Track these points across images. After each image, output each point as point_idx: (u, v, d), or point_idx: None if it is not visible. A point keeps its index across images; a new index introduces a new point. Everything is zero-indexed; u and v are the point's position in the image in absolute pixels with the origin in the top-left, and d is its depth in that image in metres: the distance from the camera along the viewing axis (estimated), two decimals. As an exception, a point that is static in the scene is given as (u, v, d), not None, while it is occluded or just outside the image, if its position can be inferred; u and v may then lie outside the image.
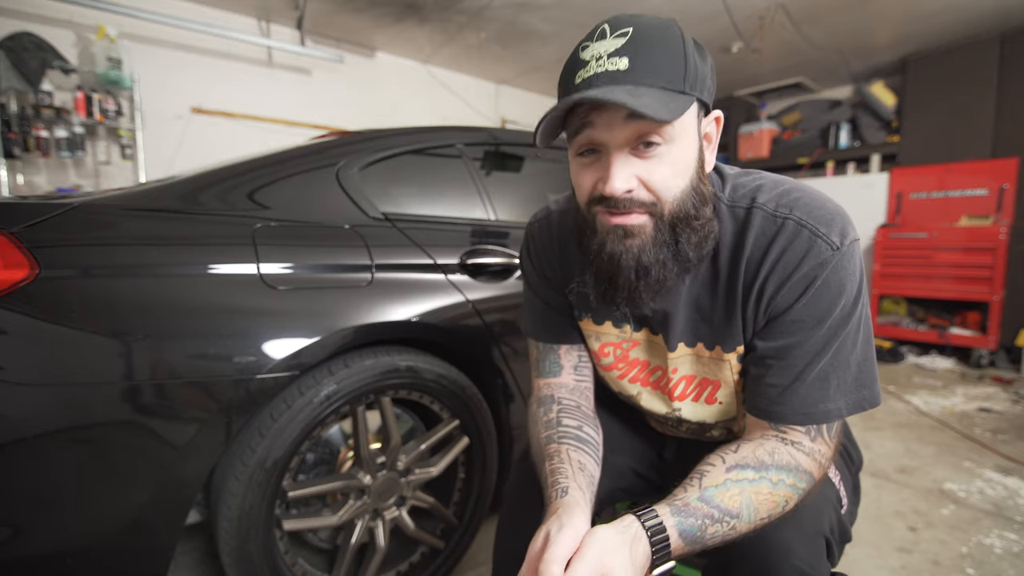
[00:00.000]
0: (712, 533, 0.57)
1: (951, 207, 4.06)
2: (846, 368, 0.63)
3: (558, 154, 1.88)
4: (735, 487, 0.59)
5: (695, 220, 0.62)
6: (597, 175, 0.61)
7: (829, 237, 0.61)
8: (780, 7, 3.47)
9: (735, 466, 0.61)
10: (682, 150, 0.60)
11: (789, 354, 0.63)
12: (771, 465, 0.61)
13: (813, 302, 0.61)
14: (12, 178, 2.87)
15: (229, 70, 3.69)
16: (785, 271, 0.62)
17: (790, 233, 0.62)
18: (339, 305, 1.11)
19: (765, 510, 0.59)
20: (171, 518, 0.95)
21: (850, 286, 0.61)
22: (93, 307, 0.88)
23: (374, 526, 1.24)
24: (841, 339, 0.62)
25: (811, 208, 0.63)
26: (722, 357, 0.70)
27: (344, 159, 1.32)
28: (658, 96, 0.55)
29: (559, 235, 0.81)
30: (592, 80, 0.56)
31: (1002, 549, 1.54)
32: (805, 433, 0.63)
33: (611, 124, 0.57)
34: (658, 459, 0.91)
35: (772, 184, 0.67)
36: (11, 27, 2.84)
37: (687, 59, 0.57)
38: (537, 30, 3.88)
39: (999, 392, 3.14)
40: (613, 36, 0.57)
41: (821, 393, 0.62)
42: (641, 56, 0.56)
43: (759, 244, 0.64)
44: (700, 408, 0.76)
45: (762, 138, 5.25)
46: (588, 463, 0.71)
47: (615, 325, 0.77)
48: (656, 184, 0.59)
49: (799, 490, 0.61)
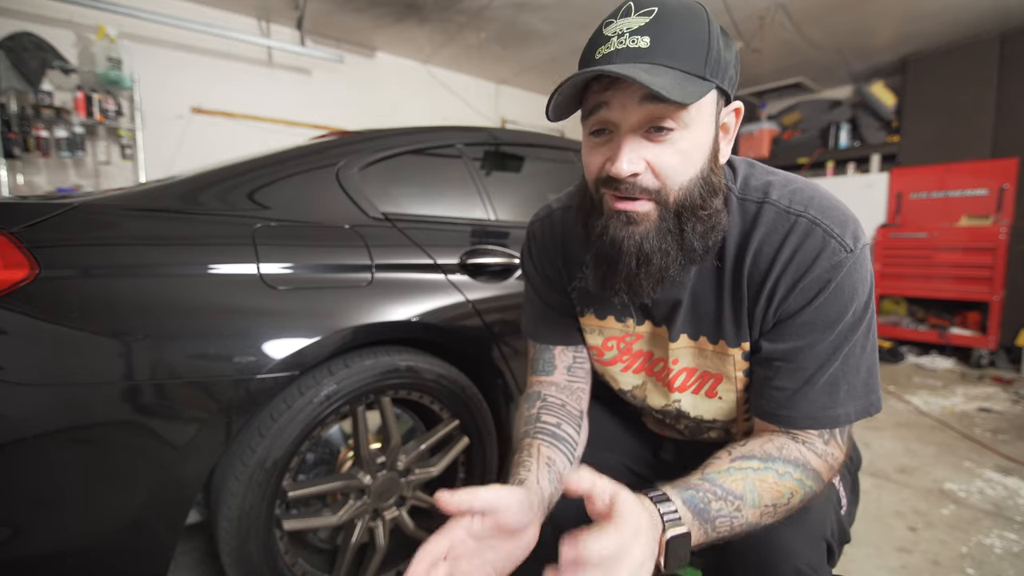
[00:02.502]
0: (717, 510, 0.56)
1: (951, 207, 4.06)
2: (856, 373, 0.62)
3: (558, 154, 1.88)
4: (739, 473, 0.59)
5: (701, 210, 0.60)
6: (607, 155, 0.59)
7: (843, 239, 0.60)
8: (780, 7, 3.47)
9: (740, 457, 0.61)
10: (696, 137, 0.58)
11: (798, 357, 0.62)
12: (778, 458, 0.61)
13: (826, 306, 0.60)
14: (12, 178, 2.87)
15: (229, 70, 3.69)
16: (798, 271, 0.61)
17: (803, 231, 0.61)
18: (339, 305, 1.11)
19: (769, 497, 0.58)
20: (171, 518, 0.95)
21: (862, 290, 0.60)
22: (93, 307, 0.88)
23: (374, 526, 1.24)
24: (851, 344, 0.61)
25: (825, 208, 0.62)
26: (726, 352, 0.69)
27: (344, 159, 1.32)
28: (676, 78, 0.53)
29: (561, 231, 0.80)
30: (611, 56, 0.55)
31: (1002, 549, 1.54)
32: (818, 436, 0.63)
33: (625, 104, 0.56)
34: (654, 458, 0.91)
35: (785, 180, 0.66)
36: (11, 27, 2.84)
37: (711, 44, 0.56)
38: (537, 30, 3.88)
39: (999, 392, 3.14)
40: (638, 14, 0.55)
41: (831, 398, 0.61)
42: (664, 36, 0.54)
43: (770, 240, 0.63)
44: (700, 401, 0.75)
45: (762, 138, 5.25)
46: (558, 459, 0.70)
47: (618, 319, 0.77)
48: (664, 170, 0.58)
49: (805, 486, 0.60)
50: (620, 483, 0.67)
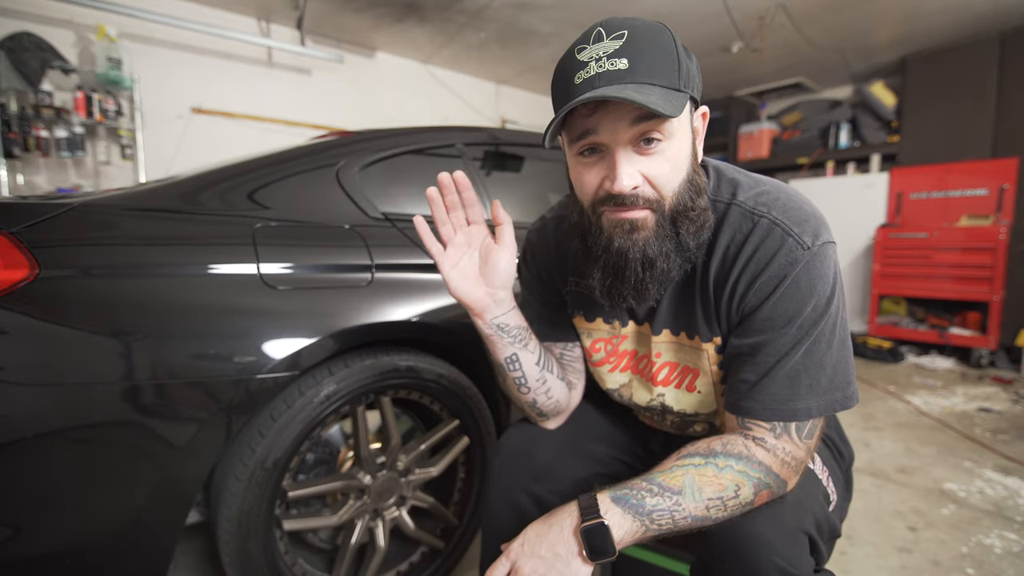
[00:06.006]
0: (654, 505, 0.60)
1: (951, 207, 4.06)
2: (819, 369, 0.63)
3: (558, 154, 1.88)
4: (680, 470, 0.63)
5: (692, 211, 0.64)
6: (602, 174, 0.63)
7: (801, 237, 0.63)
8: (780, 7, 3.47)
9: (685, 455, 0.64)
10: (680, 145, 0.62)
11: (759, 351, 0.65)
12: (720, 453, 0.63)
13: (783, 301, 0.63)
14: (12, 178, 2.87)
15: (229, 70, 3.69)
16: (756, 269, 0.64)
17: (763, 231, 0.64)
18: (339, 305, 1.11)
19: (711, 491, 0.61)
20: (171, 518, 0.95)
21: (821, 287, 0.62)
22: (93, 307, 0.88)
23: (374, 526, 1.24)
24: (812, 340, 0.63)
25: (787, 208, 0.65)
26: (699, 346, 0.72)
27: (344, 159, 1.32)
28: (661, 94, 0.57)
29: (555, 239, 0.84)
30: (593, 80, 0.58)
31: (1002, 549, 1.54)
32: (770, 430, 0.64)
33: (616, 125, 0.59)
34: (644, 450, 0.93)
35: (752, 183, 0.69)
36: (11, 27, 2.84)
37: (679, 59, 0.60)
38: (537, 30, 3.88)
39: (999, 392, 3.14)
40: (610, 38, 0.58)
41: (790, 392, 0.63)
42: (639, 56, 0.57)
43: (735, 240, 0.66)
44: (682, 395, 0.78)
45: (762, 138, 5.25)
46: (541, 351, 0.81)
47: (605, 321, 0.80)
48: (658, 180, 0.61)
49: (752, 478, 0.62)
50: (609, 474, 0.81)
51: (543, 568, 0.60)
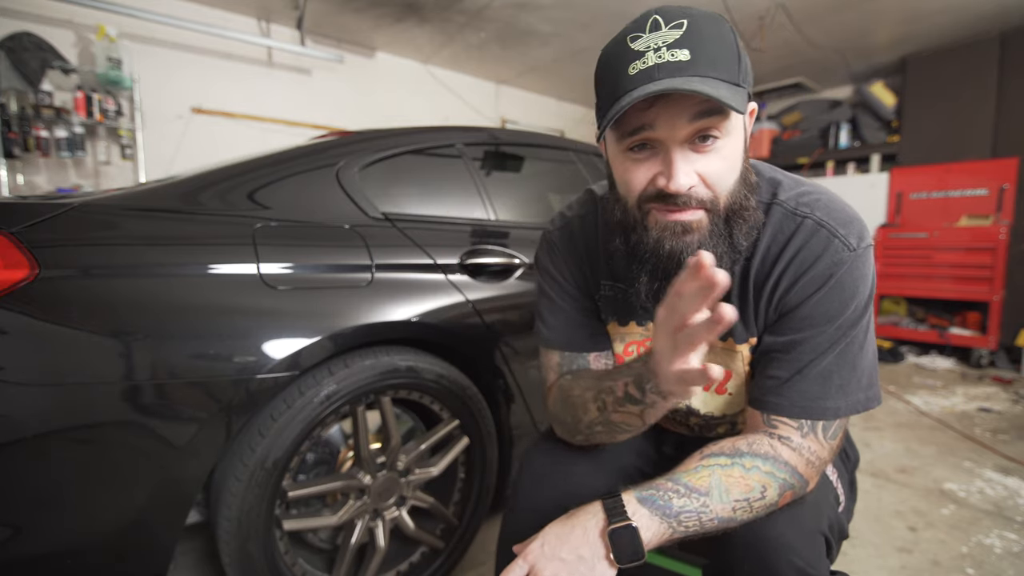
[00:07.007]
0: (681, 506, 0.58)
1: (951, 207, 4.06)
2: (851, 370, 0.63)
3: (558, 154, 1.88)
4: (705, 471, 0.61)
5: (745, 211, 0.62)
6: (653, 171, 0.59)
7: (847, 238, 0.62)
8: (780, 7, 3.47)
9: (710, 455, 0.62)
10: (735, 143, 0.59)
11: (794, 349, 0.63)
12: (747, 453, 0.62)
13: (826, 300, 0.62)
14: (12, 178, 2.86)
15: (229, 70, 3.68)
16: (800, 268, 0.63)
17: (808, 232, 0.63)
18: (339, 305, 1.11)
19: (738, 492, 0.59)
20: (171, 518, 0.95)
21: (862, 289, 0.62)
22: (93, 307, 0.88)
23: (374, 526, 1.24)
24: (848, 340, 0.62)
25: (831, 210, 0.64)
26: (734, 348, 0.70)
27: (344, 159, 1.31)
28: (727, 88, 0.54)
29: (583, 240, 0.80)
30: (652, 71, 0.54)
31: (1002, 549, 1.54)
32: (796, 429, 0.63)
33: (675, 121, 0.56)
34: (656, 453, 0.92)
35: (792, 183, 0.68)
36: (11, 27, 2.84)
37: (739, 52, 0.57)
38: (537, 30, 3.88)
39: (999, 392, 3.14)
40: (669, 27, 0.55)
41: (821, 390, 0.62)
42: (701, 48, 0.54)
43: (776, 240, 0.65)
44: (710, 398, 0.76)
45: (762, 138, 5.25)
46: None
47: (639, 323, 0.78)
48: (713, 179, 0.59)
49: (778, 479, 0.61)
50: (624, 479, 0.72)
51: (565, 572, 0.57)
